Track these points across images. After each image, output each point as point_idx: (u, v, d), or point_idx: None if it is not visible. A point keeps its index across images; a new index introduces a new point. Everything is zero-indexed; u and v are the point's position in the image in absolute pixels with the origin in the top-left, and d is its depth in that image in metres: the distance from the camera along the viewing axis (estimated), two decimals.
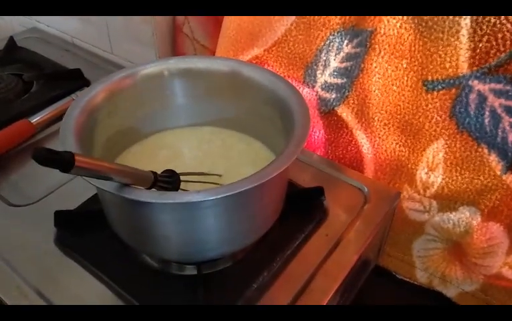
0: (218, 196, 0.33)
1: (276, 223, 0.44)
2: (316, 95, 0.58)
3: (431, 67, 0.48)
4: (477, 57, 0.45)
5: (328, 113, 0.58)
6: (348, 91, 0.55)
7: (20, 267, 0.43)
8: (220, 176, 0.45)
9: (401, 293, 0.59)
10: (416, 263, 0.58)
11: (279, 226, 0.44)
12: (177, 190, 0.39)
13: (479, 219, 0.51)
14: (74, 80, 0.68)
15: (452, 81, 0.47)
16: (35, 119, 0.60)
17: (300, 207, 0.49)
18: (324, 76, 0.57)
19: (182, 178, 0.40)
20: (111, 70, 0.73)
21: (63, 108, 0.62)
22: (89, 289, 0.42)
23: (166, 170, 0.38)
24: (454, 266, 0.56)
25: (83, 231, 0.46)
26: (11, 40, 0.77)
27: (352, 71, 0.54)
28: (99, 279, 0.42)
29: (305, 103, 0.42)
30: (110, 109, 0.44)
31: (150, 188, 0.35)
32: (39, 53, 0.77)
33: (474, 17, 0.44)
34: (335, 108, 0.57)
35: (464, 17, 0.44)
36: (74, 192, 0.50)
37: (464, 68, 0.46)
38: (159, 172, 0.37)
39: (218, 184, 0.43)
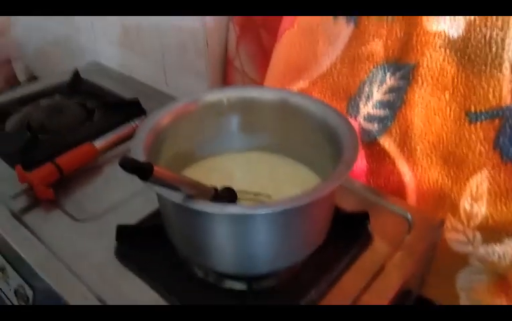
0: (277, 210, 0.36)
1: (321, 244, 0.45)
2: (359, 125, 0.60)
3: (474, 98, 0.49)
4: None
5: (370, 143, 0.59)
6: (391, 122, 0.57)
7: (84, 275, 0.47)
8: (270, 196, 0.48)
9: None
10: (460, 295, 0.57)
11: (324, 248, 0.45)
12: None
13: None
14: (132, 109, 0.73)
15: (495, 112, 0.48)
16: (98, 143, 0.64)
17: (345, 231, 0.50)
18: (367, 108, 0.59)
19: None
20: (166, 101, 0.79)
21: (123, 133, 0.67)
22: (146, 298, 0.45)
23: (225, 187, 0.41)
24: (499, 299, 0.54)
25: (142, 245, 0.49)
26: (76, 73, 0.83)
27: (395, 103, 0.56)
28: (155, 289, 0.45)
29: (353, 128, 0.44)
30: (173, 132, 0.48)
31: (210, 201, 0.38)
32: (100, 85, 0.83)
33: None
34: (378, 139, 0.58)
35: (506, 49, 0.46)
36: (132, 209, 0.54)
37: (507, 99, 0.47)
38: None
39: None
